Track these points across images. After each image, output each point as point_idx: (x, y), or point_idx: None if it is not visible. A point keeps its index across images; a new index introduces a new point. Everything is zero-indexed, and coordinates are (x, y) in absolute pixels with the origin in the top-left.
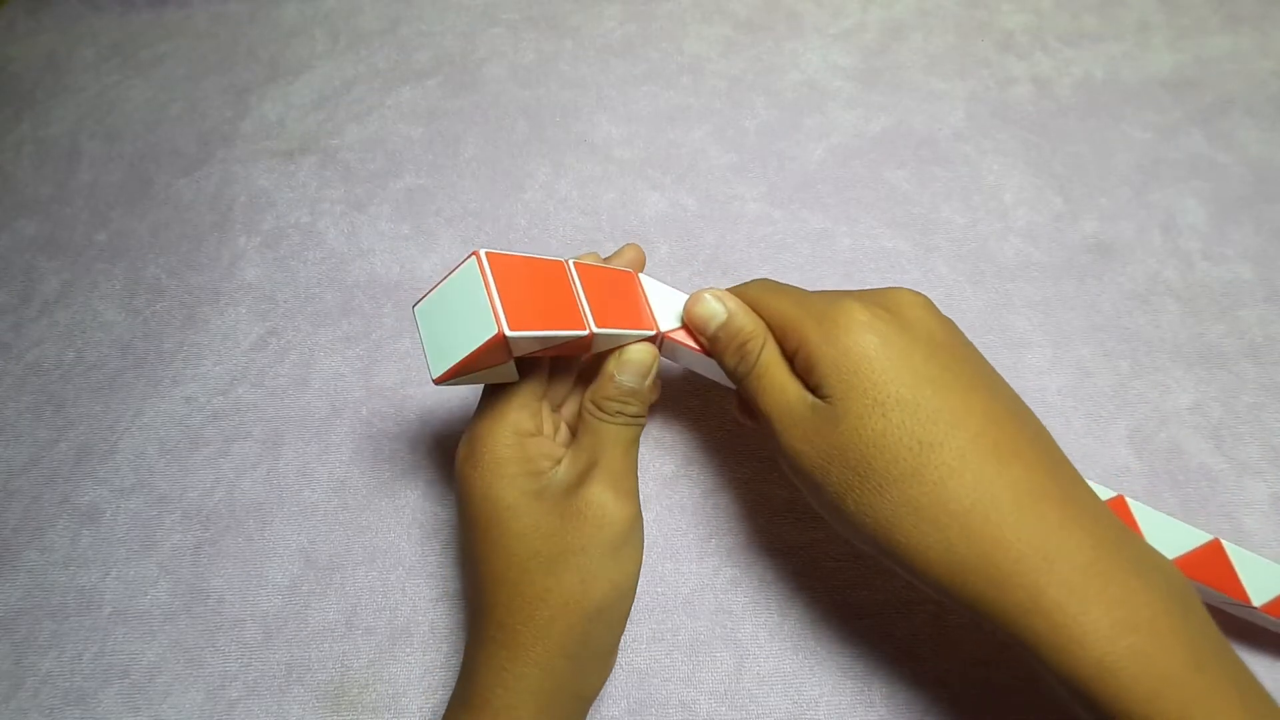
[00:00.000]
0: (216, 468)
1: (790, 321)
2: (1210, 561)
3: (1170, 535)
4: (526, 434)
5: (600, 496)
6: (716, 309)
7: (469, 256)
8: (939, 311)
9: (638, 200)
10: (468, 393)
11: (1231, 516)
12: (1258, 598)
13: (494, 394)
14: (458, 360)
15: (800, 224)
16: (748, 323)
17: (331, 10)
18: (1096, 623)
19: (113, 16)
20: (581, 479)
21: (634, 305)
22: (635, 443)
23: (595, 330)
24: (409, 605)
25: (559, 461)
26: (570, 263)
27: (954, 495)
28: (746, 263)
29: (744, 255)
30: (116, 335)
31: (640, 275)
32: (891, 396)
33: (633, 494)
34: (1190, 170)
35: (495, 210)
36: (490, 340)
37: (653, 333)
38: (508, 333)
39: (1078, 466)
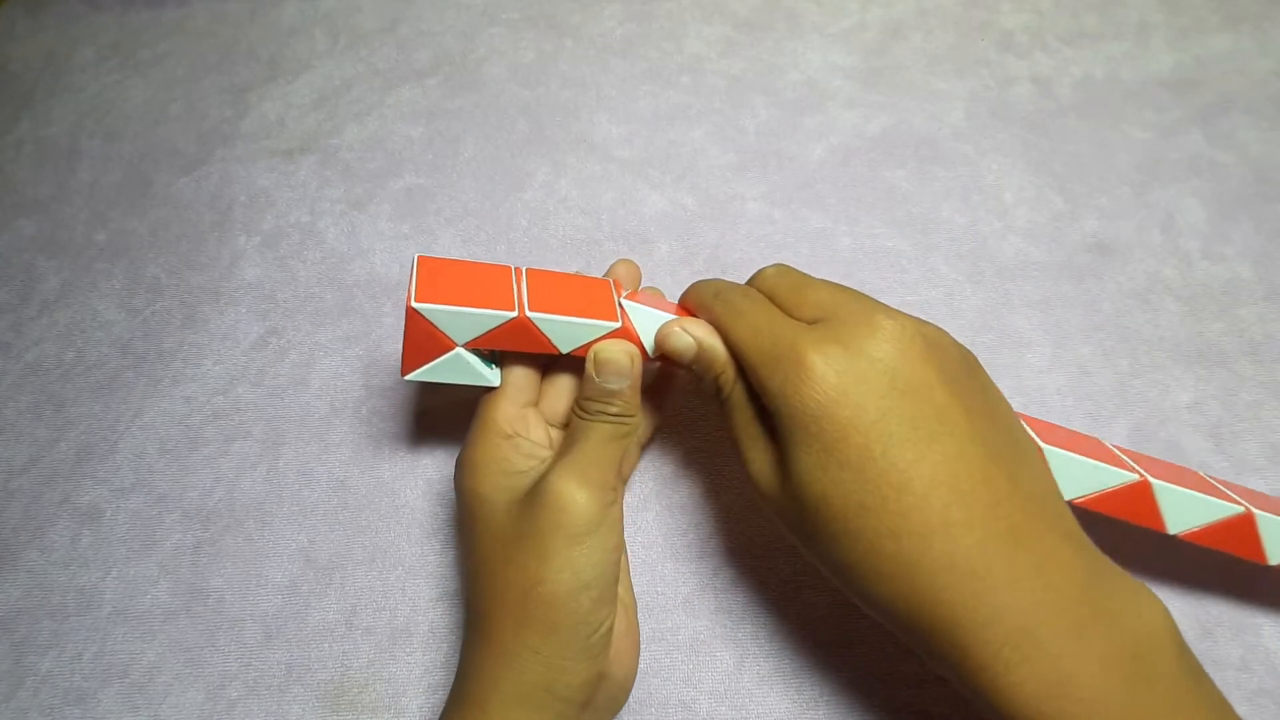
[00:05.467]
0: (216, 467)
1: (746, 362)
2: (1240, 529)
3: (1198, 509)
4: (508, 436)
5: (560, 484)
6: (687, 343)
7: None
8: (919, 340)
9: (638, 200)
10: (469, 395)
11: None
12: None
13: (484, 404)
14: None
15: (800, 223)
16: (718, 356)
17: (331, 10)
18: (1022, 686)
19: (112, 16)
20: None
21: (596, 302)
22: (616, 439)
23: (529, 314)
24: (409, 605)
25: (543, 462)
26: (523, 269)
27: (891, 557)
28: (746, 262)
29: (744, 255)
30: (116, 335)
31: (623, 299)
32: (836, 458)
33: (601, 486)
34: (1190, 170)
35: (495, 210)
36: (408, 314)
37: (616, 324)
38: (413, 304)
39: None
